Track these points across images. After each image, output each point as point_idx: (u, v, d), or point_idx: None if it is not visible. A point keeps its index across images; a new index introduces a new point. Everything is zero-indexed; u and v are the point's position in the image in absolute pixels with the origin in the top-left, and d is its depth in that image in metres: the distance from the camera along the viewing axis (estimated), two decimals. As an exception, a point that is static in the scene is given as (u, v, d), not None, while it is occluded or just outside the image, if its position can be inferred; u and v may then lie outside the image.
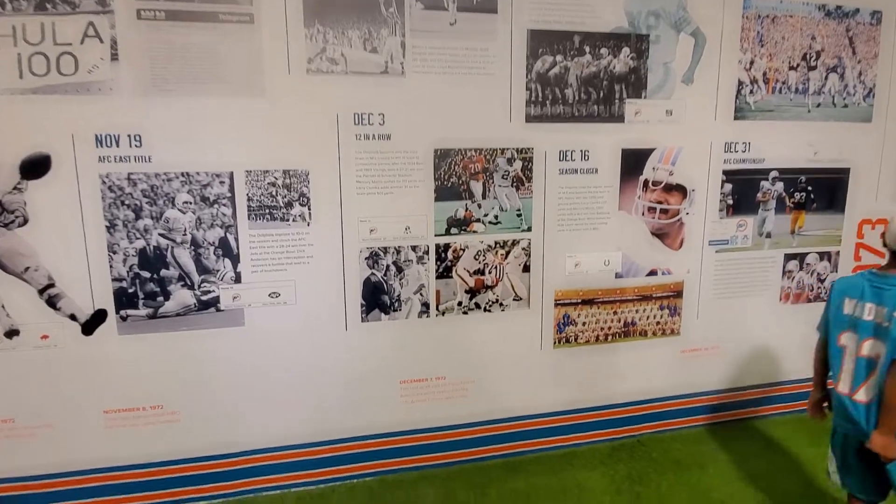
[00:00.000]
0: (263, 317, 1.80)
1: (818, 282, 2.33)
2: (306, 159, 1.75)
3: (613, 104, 1.97)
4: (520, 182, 1.94)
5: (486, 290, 1.98)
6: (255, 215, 1.75)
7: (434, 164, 1.85)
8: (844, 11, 2.14)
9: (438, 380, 2.00)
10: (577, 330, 2.10)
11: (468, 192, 1.90)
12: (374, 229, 1.84)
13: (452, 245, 1.92)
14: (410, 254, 1.89)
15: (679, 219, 2.11)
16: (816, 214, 2.27)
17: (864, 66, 2.20)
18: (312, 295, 1.83)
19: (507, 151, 1.91)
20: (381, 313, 1.90)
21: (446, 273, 1.93)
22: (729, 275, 2.22)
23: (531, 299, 2.03)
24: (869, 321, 1.42)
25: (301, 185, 1.76)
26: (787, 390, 2.39)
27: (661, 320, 2.18)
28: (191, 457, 1.85)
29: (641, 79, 1.98)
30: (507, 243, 1.97)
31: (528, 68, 1.87)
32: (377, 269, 1.87)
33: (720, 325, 2.25)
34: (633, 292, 2.13)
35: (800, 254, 2.29)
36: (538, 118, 1.91)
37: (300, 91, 1.71)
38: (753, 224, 2.20)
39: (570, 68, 1.91)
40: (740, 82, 2.08)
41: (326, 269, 1.82)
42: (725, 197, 2.15)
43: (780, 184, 2.20)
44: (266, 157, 1.72)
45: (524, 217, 1.96)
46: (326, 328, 1.86)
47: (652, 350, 2.20)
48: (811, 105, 2.17)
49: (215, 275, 1.76)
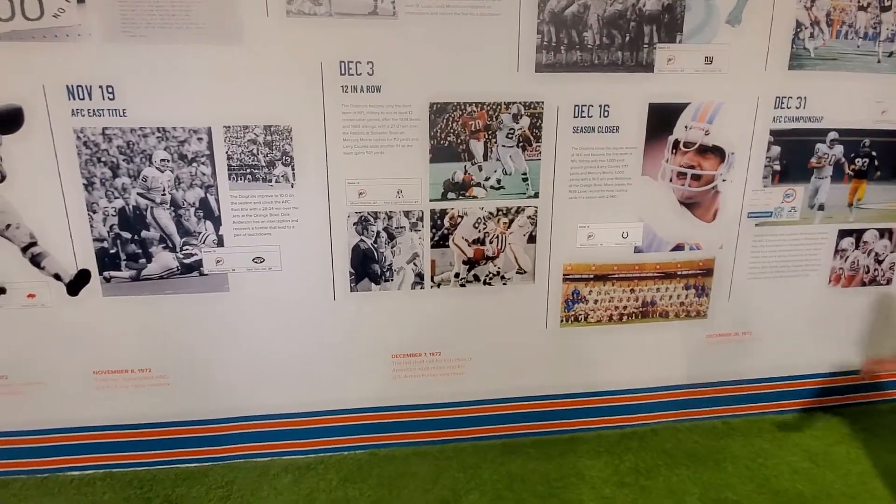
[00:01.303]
0: (248, 283, 1.72)
1: (876, 263, 2.02)
2: (288, 114, 1.60)
3: (641, 50, 1.69)
4: (527, 142, 1.72)
5: (486, 261, 1.81)
6: (235, 175, 1.63)
7: (429, 120, 1.66)
8: (943, -68, 1.74)
9: (433, 355, 1.88)
10: (587, 308, 1.91)
11: (468, 152, 1.70)
12: (362, 192, 1.69)
13: (449, 211, 1.75)
14: (403, 220, 1.74)
15: (713, 186, 1.85)
16: (880, 185, 1.93)
17: (961, 3, 1.81)
18: (299, 261, 1.72)
19: (512, 106, 1.69)
20: (372, 283, 1.77)
21: (442, 242, 1.77)
22: (770, 252, 1.94)
23: (536, 273, 1.85)
24: None
25: (283, 143, 1.62)
26: (824, 383, 2.13)
27: (685, 301, 1.96)
28: (180, 420, 1.84)
29: (677, 19, 1.68)
30: (510, 211, 1.78)
31: (539, 6, 1.62)
32: (367, 236, 1.73)
33: (754, 308, 2.00)
34: (655, 269, 1.90)
35: (857, 230, 1.98)
36: (550, 67, 1.67)
37: (280, 36, 1.54)
38: (803, 194, 1.90)
39: (591, 6, 1.64)
40: (799, 24, 1.74)
41: (313, 235, 1.70)
42: (771, 162, 1.85)
43: (839, 147, 1.87)
44: (245, 112, 1.58)
45: (531, 182, 1.76)
46: (314, 297, 1.75)
47: (673, 333, 1.98)
48: (882, 54, 1.81)
49: (197, 237, 1.67)
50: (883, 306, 2.05)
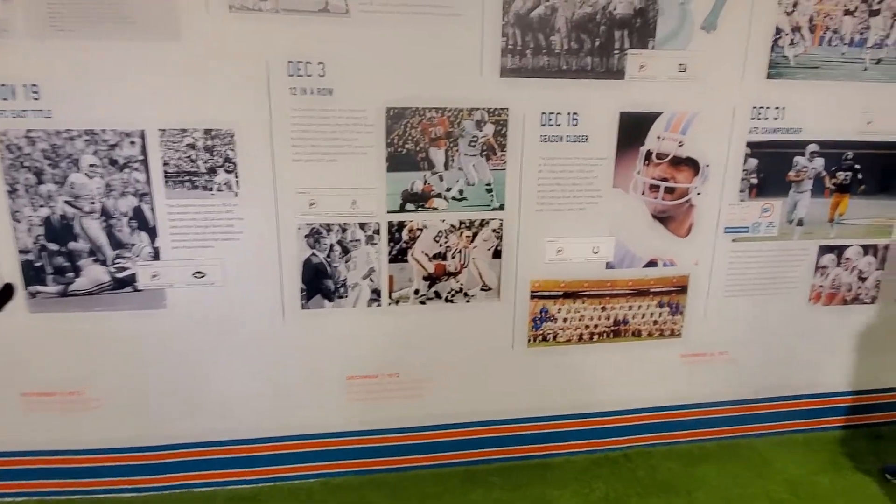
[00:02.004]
0: (188, 299, 1.58)
1: (859, 280, 1.94)
2: (231, 117, 1.47)
3: (612, 56, 1.60)
4: (491, 150, 1.62)
5: (448, 277, 1.70)
6: (173, 182, 1.50)
7: (386, 126, 1.54)
8: (926, -62, 1.67)
9: (391, 377, 1.76)
10: (556, 327, 1.81)
11: (427, 161, 1.59)
12: (314, 203, 1.57)
13: (408, 224, 1.63)
14: (358, 232, 1.62)
15: (688, 200, 1.75)
16: (863, 199, 1.85)
17: (944, 12, 1.74)
18: (243, 276, 1.59)
19: (475, 112, 1.58)
20: (325, 300, 1.65)
21: (401, 256, 1.65)
22: (747, 269, 1.85)
23: (502, 290, 1.74)
24: None
25: (225, 149, 1.50)
26: (804, 405, 2.04)
27: (659, 319, 1.86)
28: (115, 447, 1.70)
29: (649, 24, 1.59)
30: (474, 223, 1.67)
31: (504, 8, 1.52)
32: (319, 250, 1.61)
33: (731, 327, 1.90)
34: (627, 286, 1.81)
35: (838, 246, 1.90)
36: (516, 72, 1.57)
37: (222, 33, 1.42)
38: (782, 209, 1.82)
39: (559, 9, 1.54)
40: (778, 30, 1.66)
41: (259, 248, 1.57)
42: (748, 175, 1.77)
43: (819, 160, 1.79)
44: (183, 114, 1.46)
45: (495, 193, 1.65)
46: (261, 314, 1.63)
47: (646, 353, 1.88)
48: (869, 61, 1.73)
49: (130, 249, 1.54)
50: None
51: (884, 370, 2.08)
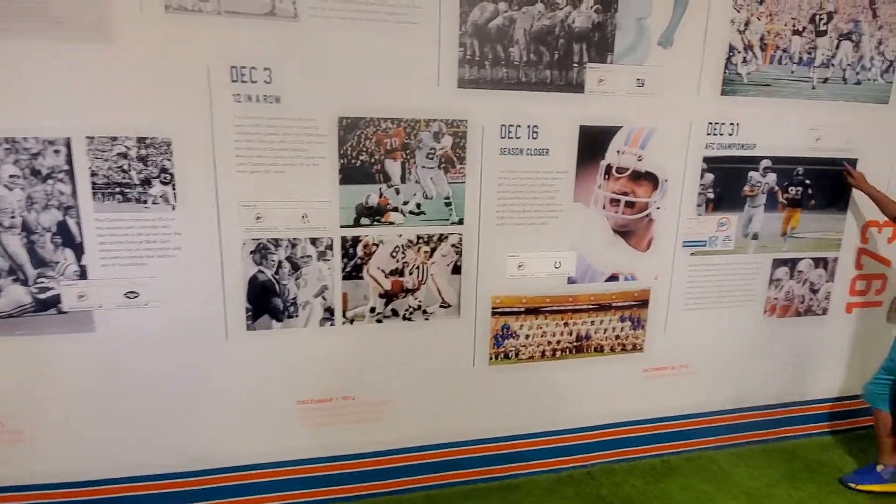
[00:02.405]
0: (119, 321, 1.45)
1: (811, 293, 1.99)
2: (167, 125, 1.37)
3: (571, 69, 1.58)
4: (449, 163, 1.57)
5: (405, 294, 1.63)
6: (102, 195, 1.37)
7: (339, 136, 1.47)
8: (866, -36, 1.74)
9: (346, 400, 1.66)
10: (518, 344, 1.76)
11: (383, 173, 1.53)
12: (260, 217, 1.48)
13: (363, 239, 1.56)
14: (309, 248, 1.53)
15: (647, 214, 1.75)
16: (813, 213, 1.90)
17: (884, 34, 1.81)
18: (181, 295, 1.47)
19: (433, 124, 1.53)
20: (273, 320, 1.55)
21: (356, 273, 1.57)
22: (705, 282, 1.86)
23: (462, 307, 1.68)
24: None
25: (161, 158, 1.39)
26: (762, 416, 2.06)
27: (621, 334, 1.84)
28: (40, 482, 1.53)
29: (607, 38, 1.58)
30: (432, 238, 1.61)
31: (462, 18, 1.48)
32: (266, 266, 1.51)
33: (691, 340, 1.91)
34: (589, 300, 1.78)
35: (791, 259, 1.94)
36: (474, 83, 1.53)
37: (157, 34, 1.31)
38: (738, 223, 1.84)
39: (517, 20, 1.52)
40: (732, 48, 1.68)
41: (199, 265, 1.46)
42: (705, 189, 1.78)
43: (772, 175, 1.83)
44: (114, 121, 1.34)
45: (454, 207, 1.60)
46: (201, 336, 1.51)
47: (609, 368, 1.86)
48: (816, 80, 1.79)
49: (54, 268, 1.40)
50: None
51: (837, 380, 2.14)
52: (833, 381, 2.12)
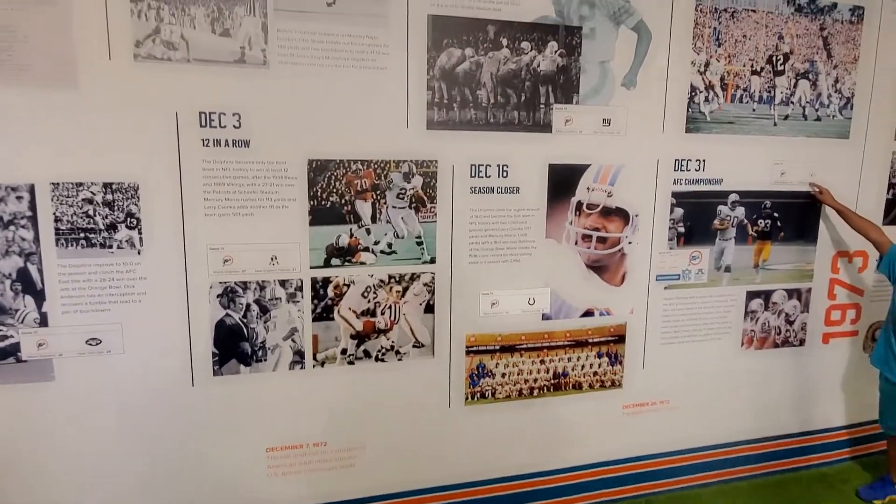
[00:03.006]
0: (80, 369, 1.41)
1: (787, 324, 2.00)
2: (135, 170, 1.37)
3: (538, 110, 1.62)
4: (420, 202, 1.57)
5: (377, 334, 1.60)
6: (65, 240, 1.36)
7: (308, 178, 1.47)
8: (819, 7, 1.81)
9: (317, 446, 1.61)
10: (494, 383, 1.73)
11: (353, 214, 1.52)
12: (228, 259, 1.46)
13: (334, 279, 1.54)
14: (278, 290, 1.51)
15: (620, 249, 1.76)
16: (784, 245, 1.93)
17: (840, 73, 1.88)
18: (146, 342, 1.43)
19: (403, 164, 1.55)
20: (241, 364, 1.51)
21: (326, 314, 1.55)
22: (681, 315, 1.86)
23: (436, 346, 1.65)
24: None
25: (128, 203, 1.38)
26: (749, 451, 2.03)
27: (598, 370, 1.82)
28: (-10, 546, 1.46)
29: (572, 80, 1.63)
30: (404, 278, 1.60)
31: (430, 63, 1.51)
32: (234, 310, 1.49)
33: (670, 375, 1.89)
34: (565, 337, 1.77)
35: (765, 291, 1.95)
36: (443, 124, 1.55)
37: (126, 82, 1.33)
38: (709, 256, 1.86)
39: (484, 64, 1.56)
40: (693, 88, 1.74)
41: (165, 309, 1.43)
42: (675, 224, 1.81)
43: (740, 209, 1.86)
44: (80, 167, 1.33)
45: (426, 246, 1.60)
46: (165, 384, 1.46)
47: (588, 406, 1.83)
48: (777, 117, 1.84)
49: (13, 316, 1.36)
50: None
51: (821, 411, 2.12)
52: (816, 412, 2.10)
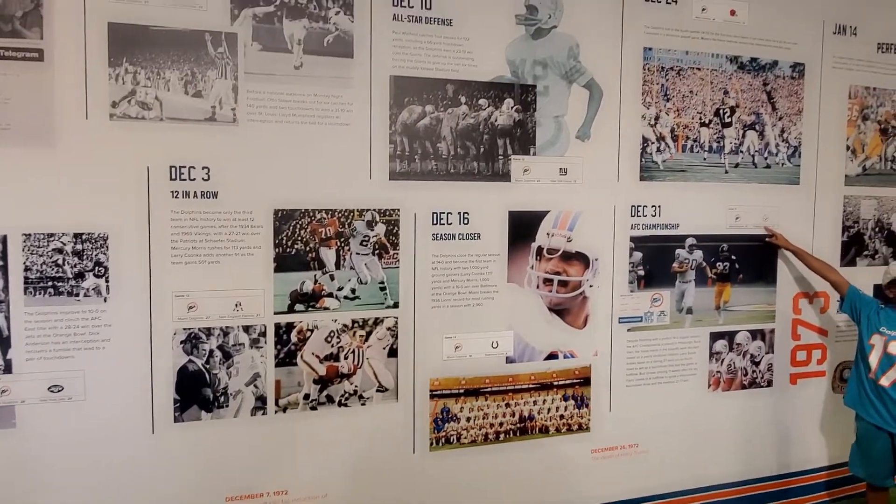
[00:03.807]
0: (41, 416, 1.41)
1: (753, 365, 2.02)
2: (105, 220, 1.43)
3: (496, 161, 1.71)
4: (383, 249, 1.63)
5: (341, 379, 1.62)
6: (34, 289, 1.40)
7: (274, 227, 1.54)
8: (760, 64, 1.95)
9: (279, 494, 1.59)
10: (459, 427, 1.73)
11: (318, 261, 1.58)
12: (193, 306, 1.50)
13: (297, 325, 1.57)
14: (242, 336, 1.54)
15: (581, 292, 1.81)
16: (744, 287, 1.98)
17: (786, 124, 2.00)
18: (108, 388, 1.45)
19: (366, 213, 1.61)
20: (202, 411, 1.52)
21: (289, 359, 1.57)
22: (645, 357, 1.89)
23: (400, 390, 1.67)
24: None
25: (97, 252, 1.43)
26: (721, 497, 2.00)
27: (565, 413, 1.83)
28: None
29: (529, 133, 1.73)
30: (367, 322, 1.63)
31: (391, 119, 1.61)
32: (197, 356, 1.51)
33: (638, 418, 1.89)
34: (530, 380, 1.78)
35: (728, 332, 1.98)
36: (405, 175, 1.64)
37: (101, 140, 1.41)
38: (670, 298, 1.91)
39: (444, 120, 1.66)
40: (645, 139, 1.84)
41: (128, 356, 1.46)
42: (635, 267, 1.86)
43: (698, 252, 1.92)
44: (52, 218, 1.40)
45: (389, 291, 1.64)
46: (126, 431, 1.46)
47: (556, 450, 1.82)
48: (728, 165, 1.94)
49: (-23, 363, 1.39)
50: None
51: (793, 454, 2.10)
52: (788, 455, 2.09)
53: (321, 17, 1.55)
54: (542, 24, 1.71)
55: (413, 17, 1.61)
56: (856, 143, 2.09)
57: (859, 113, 2.08)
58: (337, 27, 1.56)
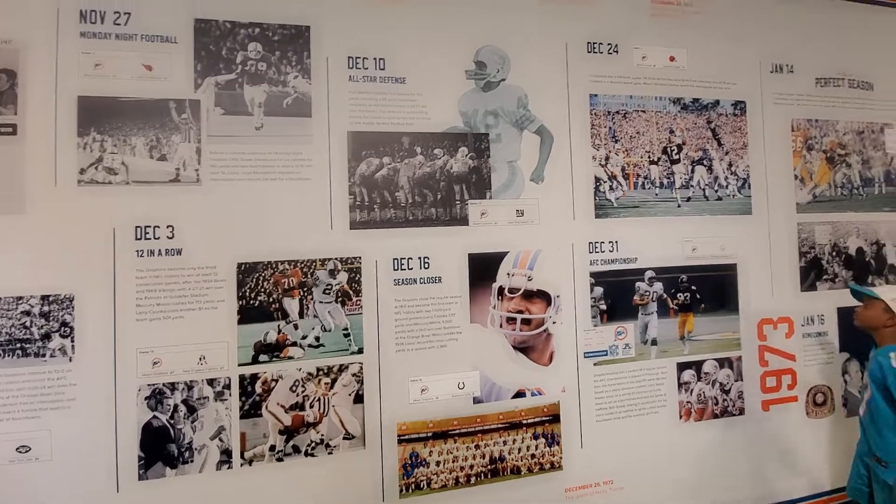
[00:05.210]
0: (8, 478, 1.42)
1: (723, 393, 2.03)
2: (71, 282, 1.48)
3: (454, 206, 1.78)
4: (346, 296, 1.68)
5: (307, 428, 1.63)
6: (2, 351, 1.43)
7: (238, 280, 1.59)
8: (703, 104, 2.06)
9: (245, 551, 1.58)
10: (429, 472, 1.73)
11: (281, 311, 1.62)
12: (157, 361, 1.53)
13: (262, 375, 1.60)
14: (206, 389, 1.56)
15: (545, 329, 1.84)
16: (707, 316, 2.02)
17: (733, 158, 2.09)
18: (74, 448, 1.46)
19: (328, 262, 1.67)
20: (167, 467, 1.52)
21: (254, 411, 1.59)
22: (613, 391, 1.90)
23: (367, 437, 1.67)
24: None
25: (63, 313, 1.48)
26: (703, 532, 1.98)
27: (536, 452, 1.82)
28: None
29: (484, 178, 1.81)
30: (332, 369, 1.66)
31: (350, 171, 1.69)
32: (161, 411, 1.53)
33: (611, 453, 1.89)
34: (498, 419, 1.79)
35: (695, 362, 2.01)
36: (365, 224, 1.70)
37: (69, 205, 1.48)
38: (634, 331, 1.94)
39: (401, 170, 1.74)
40: (598, 179, 1.92)
41: (93, 415, 1.47)
42: (597, 302, 1.90)
43: (658, 284, 1.97)
44: (21, 281, 1.45)
45: (353, 337, 1.68)
46: (92, 490, 1.46)
47: (529, 491, 1.80)
48: (680, 199, 2.02)
49: (-59, 429, 1.41)
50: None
51: (774, 480, 2.09)
52: (769, 484, 2.07)
53: (280, 81, 1.66)
54: (491, 77, 1.83)
55: (368, 77, 1.73)
56: (803, 172, 2.18)
57: (804, 144, 2.19)
58: (295, 90, 1.67)
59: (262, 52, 1.65)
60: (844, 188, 2.25)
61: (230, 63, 1.62)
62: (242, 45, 1.64)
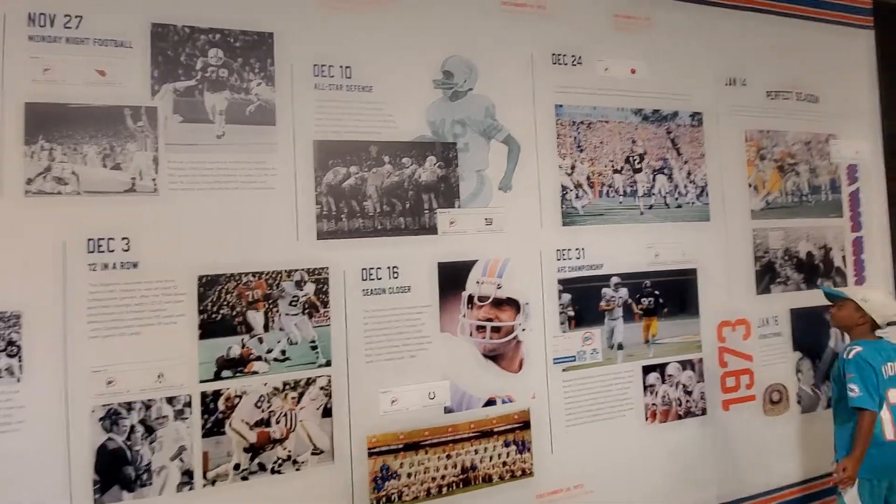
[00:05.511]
0: (-57, 513, 1.34)
1: (686, 394, 2.09)
2: (17, 299, 1.39)
3: (422, 215, 1.78)
4: (313, 308, 1.65)
5: (273, 445, 1.58)
6: (-64, 375, 1.35)
7: (198, 294, 1.53)
8: (662, 115, 2.13)
9: (208, 575, 1.52)
10: (400, 485, 1.70)
11: (245, 324, 1.58)
12: (112, 380, 1.45)
13: (225, 392, 1.55)
14: (165, 408, 1.50)
15: (514, 336, 1.86)
16: (669, 320, 2.08)
17: (692, 167, 2.17)
18: (25, 472, 1.37)
19: (294, 273, 1.63)
20: (124, 490, 1.44)
21: (217, 429, 1.53)
22: (582, 396, 1.93)
23: (336, 451, 1.63)
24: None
25: (10, 332, 1.39)
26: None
27: (507, 460, 1.83)
28: None
29: (453, 187, 1.82)
30: (299, 383, 1.62)
31: (317, 180, 1.67)
32: (117, 433, 1.45)
33: (581, 457, 1.91)
34: (469, 428, 1.79)
35: (659, 364, 2.06)
36: (332, 234, 1.68)
37: (15, 217, 1.40)
38: (601, 336, 1.98)
39: (368, 179, 1.73)
40: (564, 187, 1.96)
41: (43, 438, 1.39)
42: (565, 308, 1.93)
43: (623, 290, 2.02)
44: (-41, 300, 1.37)
45: (321, 349, 1.64)
46: (39, 520, 1.39)
47: (501, 498, 1.80)
48: (643, 207, 2.08)
49: None
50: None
51: (738, 477, 2.16)
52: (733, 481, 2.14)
53: (243, 88, 1.62)
54: (459, 87, 1.84)
55: (334, 86, 1.71)
56: (757, 180, 2.29)
57: (756, 153, 2.30)
58: (259, 97, 1.63)
59: (224, 58, 1.61)
60: (794, 195, 2.37)
61: (189, 69, 1.57)
62: (202, 50, 1.59)
